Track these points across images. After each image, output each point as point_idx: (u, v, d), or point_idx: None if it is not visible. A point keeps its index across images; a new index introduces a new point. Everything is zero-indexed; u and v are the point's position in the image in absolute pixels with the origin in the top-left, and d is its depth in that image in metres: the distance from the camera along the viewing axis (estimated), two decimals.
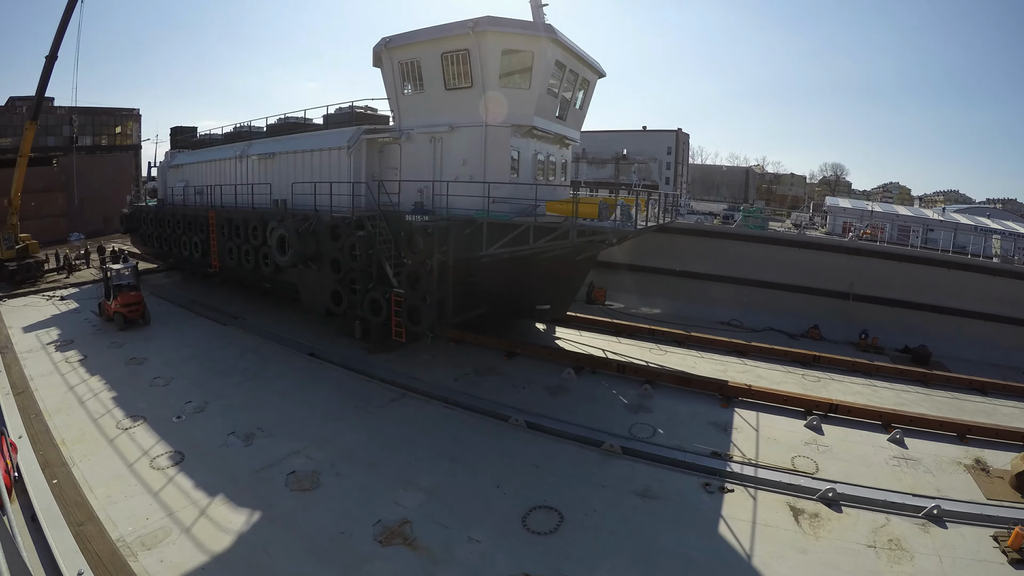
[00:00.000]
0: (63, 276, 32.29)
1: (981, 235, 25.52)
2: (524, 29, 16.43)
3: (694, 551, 9.60)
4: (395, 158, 19.23)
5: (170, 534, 9.79)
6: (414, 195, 17.75)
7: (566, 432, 13.57)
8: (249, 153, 24.37)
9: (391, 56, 17.96)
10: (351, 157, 19.39)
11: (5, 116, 46.40)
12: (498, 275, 17.89)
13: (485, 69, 16.26)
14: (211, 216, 24.96)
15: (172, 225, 28.47)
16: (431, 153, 18.14)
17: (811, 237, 27.29)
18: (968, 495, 11.36)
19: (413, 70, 17.78)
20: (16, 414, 14.11)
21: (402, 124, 18.79)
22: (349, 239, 18.01)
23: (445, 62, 16.90)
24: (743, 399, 15.65)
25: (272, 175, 22.90)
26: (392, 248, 17.35)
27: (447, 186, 16.68)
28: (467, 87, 16.83)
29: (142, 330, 21.78)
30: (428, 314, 16.35)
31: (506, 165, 17.31)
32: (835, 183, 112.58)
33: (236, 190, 24.59)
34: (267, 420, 14.15)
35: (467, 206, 16.31)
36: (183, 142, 31.86)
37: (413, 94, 18.25)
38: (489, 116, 16.95)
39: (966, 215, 39.27)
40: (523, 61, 16.67)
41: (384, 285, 17.64)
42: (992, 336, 21.89)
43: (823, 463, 12.44)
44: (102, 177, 51.13)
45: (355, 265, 18.20)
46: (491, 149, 17.07)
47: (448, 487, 11.40)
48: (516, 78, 16.92)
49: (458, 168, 17.52)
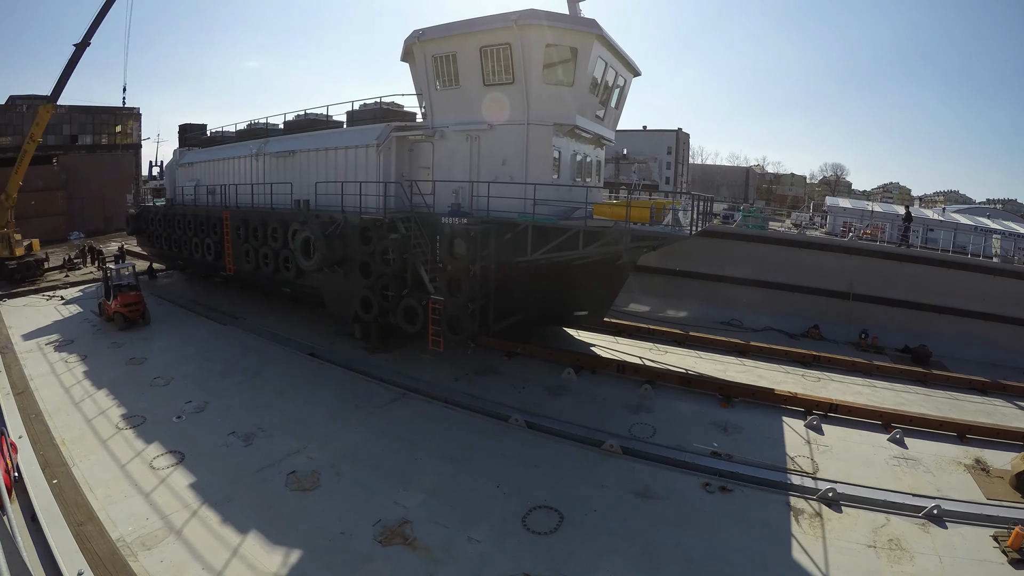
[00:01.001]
0: (63, 276, 32.21)
1: (981, 235, 25.47)
2: (569, 24, 15.77)
3: (694, 551, 9.60)
4: (427, 157, 18.35)
5: (170, 534, 9.79)
6: (447, 196, 16.96)
7: (566, 432, 13.57)
8: (266, 151, 23.35)
9: (424, 49, 17.07)
10: (380, 155, 18.47)
11: (5, 115, 46.38)
12: (535, 281, 17.05)
13: (528, 64, 15.49)
14: (225, 217, 23.87)
15: (183, 226, 27.29)
16: (467, 152, 17.27)
17: (811, 237, 27.26)
18: (968, 495, 11.36)
19: (448, 64, 16.86)
20: (16, 414, 14.12)
21: (435, 121, 17.89)
22: (382, 242, 16.99)
23: (484, 56, 16.05)
24: (743, 399, 15.65)
25: (292, 174, 21.92)
26: (428, 252, 16.35)
27: (488, 187, 15.74)
28: (508, 83, 16.02)
29: (142, 330, 21.78)
30: (470, 323, 15.63)
31: (548, 165, 16.57)
32: (835, 183, 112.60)
33: (253, 190, 23.45)
34: (267, 420, 14.15)
35: (506, 208, 15.53)
36: (193, 140, 30.81)
37: (447, 90, 17.34)
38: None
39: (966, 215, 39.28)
40: (566, 57, 15.90)
41: (419, 291, 16.82)
42: (992, 336, 21.88)
43: (823, 463, 12.44)
44: (102, 176, 51.15)
45: (388, 270, 17.20)
46: (533, 148, 16.29)
47: (448, 487, 11.40)
48: (559, 74, 16.13)
49: (497, 168, 16.68)
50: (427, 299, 16.17)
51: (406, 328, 17.04)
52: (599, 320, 21.04)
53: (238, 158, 25.13)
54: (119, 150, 53.94)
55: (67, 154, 48.99)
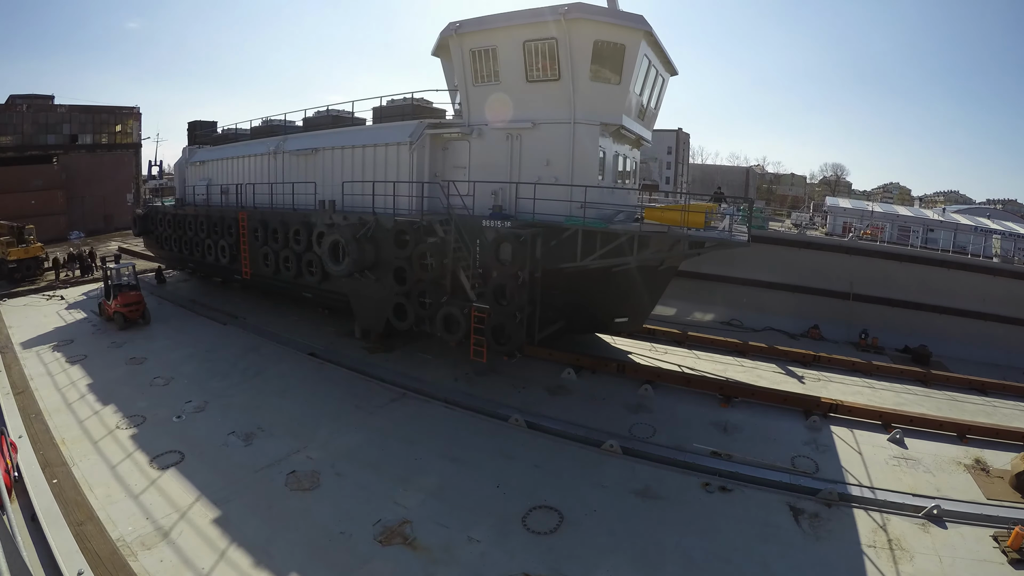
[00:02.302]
0: (71, 275, 32.08)
1: (981, 235, 25.48)
2: (618, 19, 15.05)
3: (694, 551, 9.60)
4: (462, 156, 17.42)
5: (170, 534, 9.79)
6: (485, 197, 16.20)
7: (566, 432, 13.57)
8: (285, 149, 22.27)
9: (461, 43, 16.20)
10: (414, 154, 17.50)
11: (5, 114, 46.37)
12: (576, 287, 16.16)
13: (575, 61, 14.80)
14: (242, 218, 22.62)
15: (194, 227, 25.92)
16: (507, 151, 16.43)
17: (811, 237, 27.25)
18: (968, 495, 11.36)
19: (488, 59, 16.00)
20: (16, 414, 14.11)
21: (471, 119, 17.00)
22: (420, 246, 16.00)
23: (528, 52, 15.31)
24: (743, 399, 15.65)
25: (316, 173, 20.87)
26: (469, 257, 15.52)
27: (534, 189, 14.96)
28: (553, 79, 15.27)
29: (142, 330, 21.77)
30: (518, 333, 14.87)
31: (594, 167, 15.96)
32: (835, 183, 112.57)
33: (271, 189, 22.28)
34: (267, 420, 14.15)
35: (548, 211, 14.89)
36: (203, 137, 29.50)
37: (486, 86, 16.40)
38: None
39: (966, 215, 39.26)
40: (614, 54, 15.17)
41: (459, 299, 15.88)
42: (992, 336, 21.90)
43: (823, 463, 12.44)
44: (102, 176, 51.16)
45: (426, 276, 16.11)
46: (579, 149, 15.59)
47: (448, 487, 11.40)
48: (606, 72, 15.37)
49: (540, 169, 15.87)
50: (469, 307, 15.25)
51: (445, 338, 15.99)
52: (639, 326, 20.24)
53: (254, 156, 24.06)
54: (119, 150, 53.92)
55: (67, 154, 48.97)
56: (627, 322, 19.16)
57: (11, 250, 30.16)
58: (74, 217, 48.16)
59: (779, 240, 25.50)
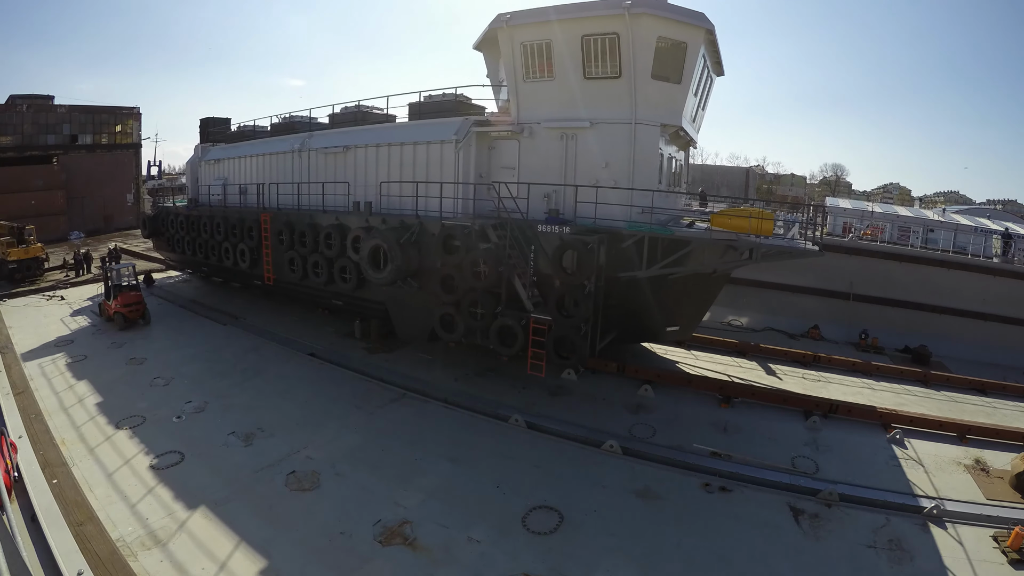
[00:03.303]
0: (62, 275, 32.11)
1: (981, 236, 25.44)
2: (681, 16, 14.35)
3: (694, 551, 9.60)
4: (510, 156, 16.44)
5: (170, 534, 9.80)
6: (534, 201, 15.40)
7: (566, 432, 13.56)
8: (311, 146, 21.00)
9: (512, 36, 15.29)
10: (459, 153, 16.44)
11: (5, 114, 46.37)
12: (630, 295, 15.32)
13: (636, 58, 13.96)
14: (264, 219, 21.33)
15: (210, 229, 24.60)
16: (561, 152, 15.54)
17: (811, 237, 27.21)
18: (968, 495, 11.37)
19: (541, 54, 15.10)
20: (16, 414, 14.12)
21: (521, 117, 16.05)
22: (472, 253, 15.00)
23: (586, 46, 14.48)
24: (743, 399, 15.65)
25: (347, 172, 19.57)
26: (524, 264, 14.67)
27: (596, 193, 14.19)
28: (614, 77, 14.43)
29: (142, 330, 21.77)
30: (583, 345, 14.10)
31: (654, 170, 15.21)
32: (835, 183, 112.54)
33: (298, 189, 21.01)
34: (267, 420, 14.15)
35: (604, 216, 14.15)
36: (218, 134, 28.20)
37: (538, 82, 15.47)
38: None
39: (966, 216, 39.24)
40: (675, 52, 14.53)
41: (514, 309, 14.94)
42: (992, 336, 21.89)
43: (823, 463, 12.44)
44: (102, 176, 51.14)
45: (479, 284, 15.07)
46: (640, 151, 14.77)
47: (448, 487, 11.41)
48: (666, 70, 14.66)
49: (598, 171, 15.03)
50: (528, 318, 14.44)
51: (500, 351, 15.24)
52: (688, 335, 19.36)
53: (276, 154, 22.74)
54: (119, 150, 53.91)
55: (67, 154, 48.94)
56: (678, 331, 18.20)
57: (11, 250, 30.16)
58: (74, 217, 48.13)
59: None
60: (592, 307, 14.03)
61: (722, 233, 13.49)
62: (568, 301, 14.16)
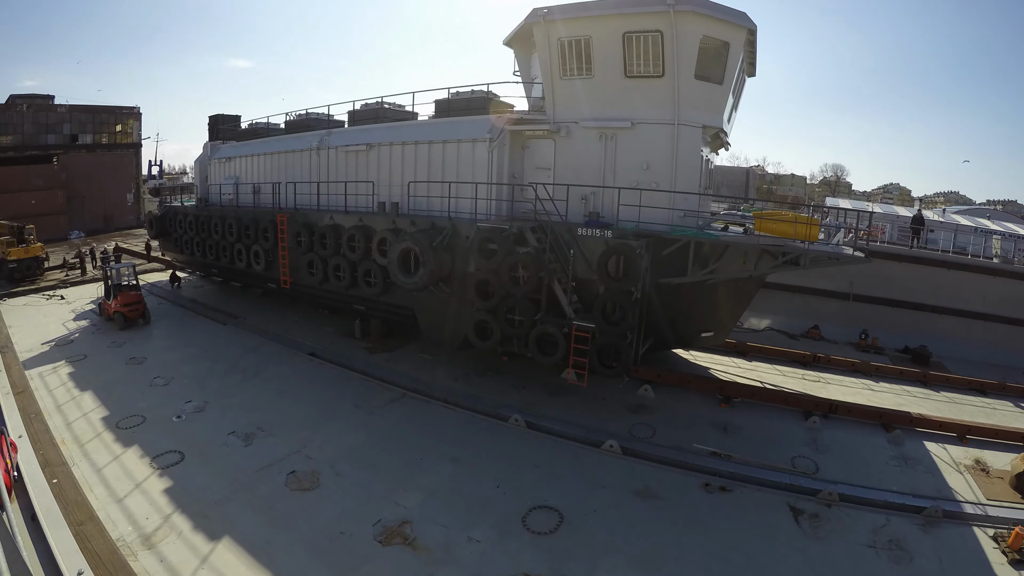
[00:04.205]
0: (63, 275, 32.11)
1: (981, 236, 25.43)
2: (725, 15, 13.97)
3: (694, 551, 9.60)
4: (544, 156, 15.98)
5: (170, 534, 9.80)
6: (571, 202, 15.01)
7: (566, 432, 13.57)
8: (331, 144, 20.30)
9: (549, 31, 14.81)
10: (493, 152, 15.90)
11: (5, 114, 46.39)
12: (668, 300, 14.92)
13: (680, 57, 13.61)
14: (281, 220, 20.61)
15: (221, 230, 23.88)
16: (599, 152, 15.07)
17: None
18: (968, 495, 11.37)
19: (579, 50, 14.61)
20: (16, 414, 14.10)
21: (556, 115, 15.57)
22: (510, 257, 14.36)
23: (627, 44, 14.05)
24: (743, 399, 15.65)
25: (371, 171, 18.92)
26: (564, 269, 14.25)
27: (640, 195, 13.77)
28: (657, 76, 14.01)
29: (142, 330, 21.78)
30: (628, 354, 13.61)
31: (696, 172, 14.80)
32: (835, 184, 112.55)
33: (316, 188, 20.26)
34: (267, 420, 14.15)
35: (644, 219, 13.84)
36: (228, 132, 27.48)
37: (576, 79, 14.96)
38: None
39: (966, 216, 39.25)
40: (718, 52, 14.18)
41: (553, 315, 14.44)
42: (992, 336, 21.89)
43: (823, 463, 12.45)
44: (102, 176, 51.16)
45: (518, 290, 14.48)
46: (682, 152, 14.42)
47: (448, 487, 11.41)
48: (708, 70, 14.31)
49: (638, 173, 14.59)
50: (570, 326, 13.88)
51: (539, 360, 14.62)
52: (722, 341, 18.85)
53: (292, 152, 22.08)
54: (119, 150, 53.93)
55: (67, 153, 48.97)
56: (712, 336, 17.78)
57: (11, 250, 30.17)
58: (74, 217, 48.15)
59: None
60: (638, 314, 13.64)
61: (768, 238, 13.15)
62: (611, 308, 13.69)
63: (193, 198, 30.58)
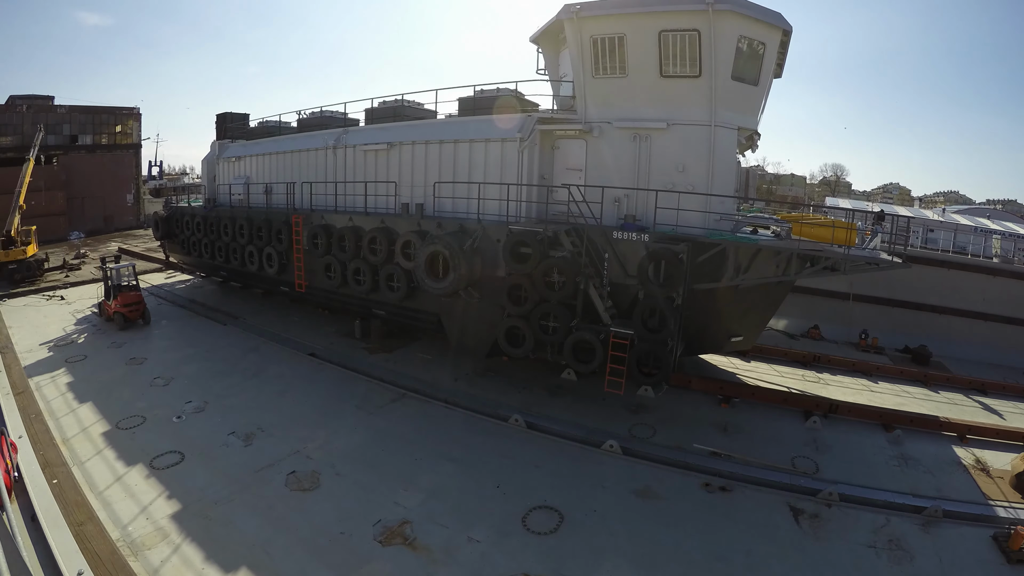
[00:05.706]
0: (63, 276, 32.12)
1: (981, 236, 25.45)
2: (762, 15, 13.72)
3: (694, 551, 9.60)
4: (575, 156, 15.56)
5: (170, 534, 9.79)
6: (606, 205, 14.64)
7: (566, 432, 13.56)
8: (348, 142, 19.62)
9: (581, 29, 14.42)
10: (523, 152, 15.41)
11: (5, 114, 46.37)
12: (700, 305, 14.56)
13: (717, 57, 13.34)
14: (295, 221, 20.01)
15: (231, 231, 23.31)
16: (633, 153, 14.69)
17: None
18: (968, 495, 11.38)
19: (612, 48, 14.22)
20: (16, 414, 14.10)
21: (588, 115, 15.17)
22: (545, 261, 14.07)
23: (663, 42, 13.72)
24: (743, 399, 15.65)
25: (392, 171, 18.29)
26: (599, 274, 13.99)
27: (678, 198, 13.45)
28: (693, 76, 13.70)
29: (142, 330, 21.77)
30: (667, 361, 13.38)
31: (732, 175, 14.51)
32: (835, 183, 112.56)
33: (334, 189, 19.64)
34: (267, 420, 14.15)
35: (681, 221, 13.63)
36: (236, 130, 26.78)
37: (609, 78, 14.57)
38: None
39: (966, 216, 39.26)
40: (754, 52, 13.97)
41: (589, 322, 14.14)
42: (992, 336, 21.90)
43: (823, 463, 12.45)
44: (102, 176, 51.15)
45: (553, 296, 14.22)
46: (718, 154, 14.10)
47: (448, 487, 11.40)
48: (743, 71, 14.03)
49: (673, 175, 14.25)
50: (607, 332, 13.62)
51: (575, 367, 14.45)
52: (750, 345, 18.50)
53: (306, 151, 21.40)
54: (119, 150, 53.92)
55: (67, 154, 48.94)
56: (742, 340, 17.47)
57: (11, 250, 30.17)
58: (74, 217, 48.13)
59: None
60: (680, 320, 13.34)
61: (808, 243, 13.01)
62: (648, 314, 13.45)
63: (200, 198, 29.97)
